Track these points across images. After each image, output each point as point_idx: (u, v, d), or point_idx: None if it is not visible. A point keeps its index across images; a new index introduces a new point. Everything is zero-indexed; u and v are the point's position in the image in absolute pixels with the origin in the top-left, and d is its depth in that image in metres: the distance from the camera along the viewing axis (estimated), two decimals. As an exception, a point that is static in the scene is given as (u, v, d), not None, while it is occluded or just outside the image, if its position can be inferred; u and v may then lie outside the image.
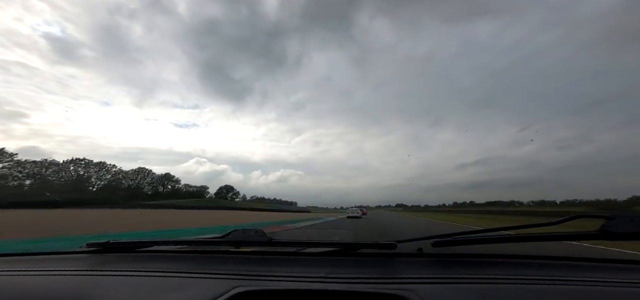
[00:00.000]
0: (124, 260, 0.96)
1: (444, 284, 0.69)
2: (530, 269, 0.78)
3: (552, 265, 0.83)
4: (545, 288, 0.67)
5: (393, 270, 0.80)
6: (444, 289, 0.67)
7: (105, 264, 0.93)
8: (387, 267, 0.83)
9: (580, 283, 0.69)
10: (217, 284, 0.71)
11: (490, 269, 0.80)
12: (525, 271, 0.76)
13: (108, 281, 0.76)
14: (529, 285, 0.68)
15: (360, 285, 0.69)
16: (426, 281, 0.70)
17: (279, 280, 0.72)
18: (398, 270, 0.79)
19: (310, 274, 0.75)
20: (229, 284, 0.68)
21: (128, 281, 0.76)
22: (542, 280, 0.70)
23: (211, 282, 0.72)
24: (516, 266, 0.82)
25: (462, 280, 0.71)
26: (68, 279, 0.81)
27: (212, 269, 0.81)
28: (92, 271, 0.85)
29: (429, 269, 0.80)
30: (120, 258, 1.00)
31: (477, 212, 49.11)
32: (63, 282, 0.78)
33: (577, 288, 0.67)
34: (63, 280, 0.80)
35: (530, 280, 0.70)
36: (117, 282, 0.75)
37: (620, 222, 0.71)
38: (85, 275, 0.82)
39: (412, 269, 0.80)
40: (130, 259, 0.99)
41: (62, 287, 0.75)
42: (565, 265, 0.83)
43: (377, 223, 17.62)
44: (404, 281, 0.70)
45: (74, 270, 0.87)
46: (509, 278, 0.72)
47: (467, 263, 0.85)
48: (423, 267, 0.82)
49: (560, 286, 0.67)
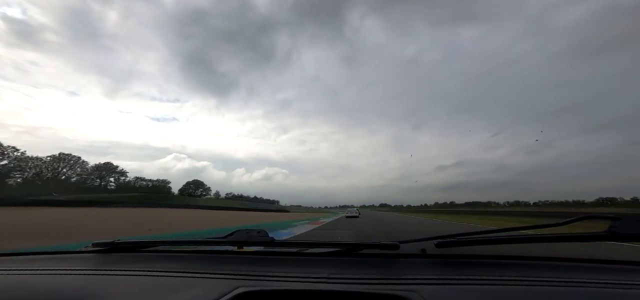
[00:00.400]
0: (129, 260, 0.97)
1: (448, 285, 0.69)
2: (537, 271, 0.78)
3: (560, 267, 0.82)
4: (553, 290, 0.66)
5: (396, 271, 0.80)
6: (447, 290, 0.66)
7: (111, 264, 0.94)
8: (390, 267, 0.83)
9: (588, 285, 0.68)
10: (220, 284, 0.71)
11: (496, 270, 0.79)
12: (532, 273, 0.76)
13: (114, 280, 0.77)
14: (536, 286, 0.68)
15: (362, 285, 0.69)
16: (429, 282, 0.70)
17: (282, 280, 0.73)
18: (401, 271, 0.79)
19: (312, 275, 0.76)
20: (232, 284, 0.69)
21: (133, 281, 0.77)
22: (549, 282, 0.70)
23: (215, 282, 0.73)
24: (522, 267, 0.81)
25: (466, 281, 0.70)
26: (74, 278, 0.82)
27: (216, 269, 0.82)
28: (98, 270, 0.87)
29: (432, 270, 0.80)
30: (126, 258, 1.01)
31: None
32: (69, 282, 0.79)
33: (586, 290, 0.66)
34: (69, 280, 0.81)
35: (536, 281, 0.70)
36: (123, 282, 0.76)
37: (629, 223, 0.71)
38: (91, 275, 0.83)
39: (415, 270, 0.80)
40: (135, 258, 0.99)
41: (68, 286, 0.76)
42: (572, 266, 0.83)
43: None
44: (407, 282, 0.70)
45: (80, 269, 0.89)
46: (515, 279, 0.71)
47: (471, 264, 0.84)
48: (426, 268, 0.82)
49: (568, 288, 0.67)
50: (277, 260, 0.93)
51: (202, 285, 0.72)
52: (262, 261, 0.91)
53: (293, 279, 0.74)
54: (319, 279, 0.73)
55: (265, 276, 0.76)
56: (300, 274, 0.76)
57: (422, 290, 0.65)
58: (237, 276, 0.76)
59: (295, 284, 0.70)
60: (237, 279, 0.74)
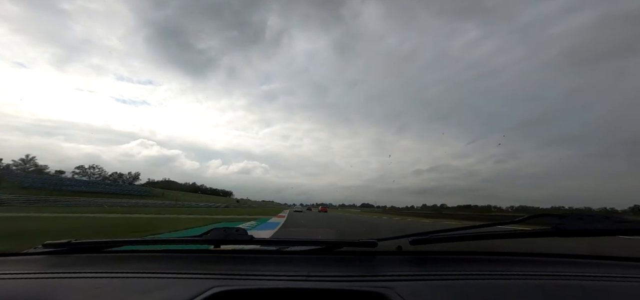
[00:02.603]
0: (88, 262, 0.88)
1: (421, 281, 0.71)
2: (499, 265, 0.84)
3: (519, 261, 0.89)
4: (512, 283, 0.72)
5: (373, 268, 0.81)
6: (421, 285, 0.69)
7: (65, 266, 0.85)
8: (368, 265, 0.84)
9: (543, 277, 0.75)
10: (193, 284, 0.68)
11: (463, 265, 0.84)
12: (495, 267, 0.82)
13: (68, 283, 0.71)
14: (498, 280, 0.73)
15: (341, 283, 0.69)
16: (405, 278, 0.72)
17: (260, 279, 0.71)
18: (378, 268, 0.80)
19: (291, 273, 0.75)
20: (207, 284, 0.66)
21: (92, 283, 0.70)
22: (510, 275, 0.76)
23: (187, 283, 0.70)
24: (488, 262, 0.87)
25: (437, 276, 0.74)
26: (22, 282, 0.73)
27: (189, 269, 0.79)
28: (50, 273, 0.78)
29: (407, 267, 0.83)
30: (84, 259, 0.91)
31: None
32: (17, 286, 0.71)
33: (541, 282, 0.72)
34: (17, 285, 0.72)
35: (498, 275, 0.76)
36: (79, 285, 0.70)
37: (571, 221, 0.79)
38: (42, 278, 0.75)
39: (392, 267, 0.82)
40: (95, 260, 0.91)
41: (16, 291, 0.68)
42: (529, 260, 0.91)
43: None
44: (384, 279, 0.72)
45: (29, 272, 0.79)
46: (480, 274, 0.76)
47: (442, 260, 0.88)
48: (402, 265, 0.84)
49: (525, 281, 0.73)
50: (256, 259, 0.90)
51: (173, 285, 0.68)
52: (240, 260, 0.88)
53: (272, 277, 0.72)
54: (298, 278, 0.72)
55: (243, 275, 0.73)
56: (279, 273, 0.75)
57: (398, 286, 0.66)
58: (213, 276, 0.73)
59: (274, 282, 0.69)
60: (212, 279, 0.70)
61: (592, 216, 0.80)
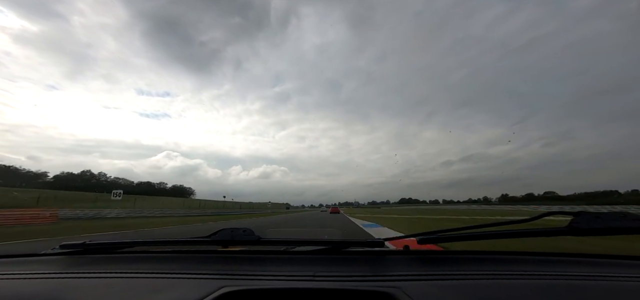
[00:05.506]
0: (102, 262, 0.92)
1: (428, 280, 0.71)
2: (508, 265, 0.83)
3: (529, 261, 0.88)
4: (523, 282, 0.71)
5: (381, 268, 0.81)
6: (429, 285, 0.68)
7: (81, 266, 0.88)
8: (375, 265, 0.84)
9: (556, 277, 0.74)
10: (203, 284, 0.70)
11: (471, 265, 0.84)
12: (504, 267, 0.81)
13: (84, 283, 0.73)
14: (507, 280, 0.72)
15: (348, 283, 0.70)
16: (412, 278, 0.72)
17: (268, 279, 0.72)
18: (386, 268, 0.80)
19: (299, 273, 0.76)
20: (216, 284, 0.67)
21: (106, 283, 0.73)
22: (519, 275, 0.75)
23: (197, 283, 0.71)
24: (496, 262, 0.86)
25: (444, 276, 0.74)
26: (40, 282, 0.77)
27: (198, 270, 0.80)
28: (66, 274, 0.82)
29: (414, 266, 0.83)
30: (98, 260, 0.95)
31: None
32: (35, 286, 0.74)
33: (552, 282, 0.71)
34: (35, 284, 0.75)
35: (507, 275, 0.75)
36: (94, 284, 0.72)
37: (587, 219, 0.76)
38: (59, 278, 0.78)
39: (400, 267, 0.82)
40: (109, 260, 0.94)
41: (35, 290, 0.71)
42: (541, 260, 0.89)
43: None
44: (391, 279, 0.72)
45: (47, 272, 0.83)
46: (490, 274, 0.75)
47: (450, 260, 0.88)
48: (409, 265, 0.84)
49: (537, 281, 0.72)
50: (264, 259, 0.92)
51: (183, 286, 0.70)
52: (247, 260, 0.90)
53: (279, 277, 0.73)
54: (305, 278, 0.73)
55: (251, 275, 0.75)
56: (287, 273, 0.76)
57: (406, 286, 0.66)
58: (222, 276, 0.74)
59: (282, 282, 0.70)
60: (221, 279, 0.72)
61: (608, 214, 0.78)
